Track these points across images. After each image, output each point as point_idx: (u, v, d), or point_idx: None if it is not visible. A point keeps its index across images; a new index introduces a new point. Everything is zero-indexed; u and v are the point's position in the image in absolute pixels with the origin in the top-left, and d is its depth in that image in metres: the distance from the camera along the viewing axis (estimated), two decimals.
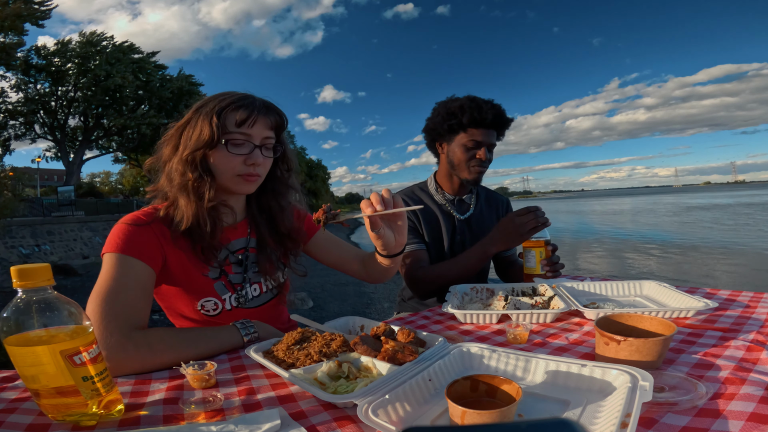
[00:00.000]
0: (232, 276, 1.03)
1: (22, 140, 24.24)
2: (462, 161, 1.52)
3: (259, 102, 0.96)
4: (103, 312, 0.77)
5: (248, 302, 1.05)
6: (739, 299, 1.04)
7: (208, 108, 0.93)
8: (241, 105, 0.93)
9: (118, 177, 47.91)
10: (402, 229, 0.96)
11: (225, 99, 0.93)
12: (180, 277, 0.96)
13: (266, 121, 0.96)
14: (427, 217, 1.58)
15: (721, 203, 36.63)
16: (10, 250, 11.51)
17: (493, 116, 1.47)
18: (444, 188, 1.63)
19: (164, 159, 0.97)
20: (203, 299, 0.98)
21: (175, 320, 1.04)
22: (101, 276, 0.84)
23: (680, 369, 0.67)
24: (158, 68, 25.62)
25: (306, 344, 0.76)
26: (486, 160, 1.51)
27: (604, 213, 34.55)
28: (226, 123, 0.92)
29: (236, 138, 0.93)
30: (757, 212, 24.12)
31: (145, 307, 0.86)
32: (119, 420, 0.59)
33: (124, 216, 0.95)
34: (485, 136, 1.49)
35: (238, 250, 1.05)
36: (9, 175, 12.46)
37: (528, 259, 1.32)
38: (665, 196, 79.06)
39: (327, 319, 0.96)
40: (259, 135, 0.95)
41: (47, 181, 41.40)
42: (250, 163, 0.94)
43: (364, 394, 0.57)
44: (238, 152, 0.93)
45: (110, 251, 0.86)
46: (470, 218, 1.61)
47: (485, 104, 1.48)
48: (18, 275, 0.54)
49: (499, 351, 0.70)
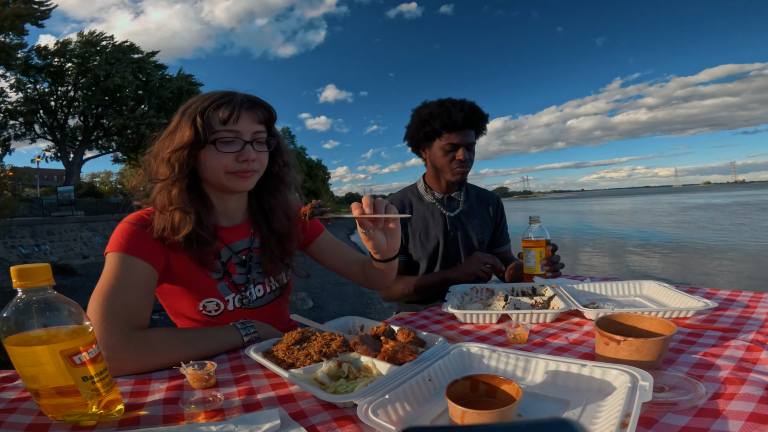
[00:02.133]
0: (235, 277, 1.02)
1: (22, 140, 24.23)
2: (444, 164, 1.57)
3: (242, 97, 0.94)
4: (104, 312, 0.77)
5: (252, 303, 1.04)
6: (738, 299, 1.04)
7: (191, 110, 0.92)
8: (222, 102, 0.92)
9: (118, 177, 47.91)
10: (395, 233, 0.96)
11: (207, 99, 0.93)
12: (183, 276, 0.95)
13: (252, 115, 0.95)
14: (418, 219, 1.63)
15: (719, 203, 36.73)
16: (10, 250, 11.50)
17: (464, 118, 1.50)
18: (433, 188, 1.67)
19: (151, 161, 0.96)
20: (205, 300, 0.98)
21: (176, 320, 1.04)
22: (103, 275, 0.83)
23: (680, 369, 0.67)
24: (158, 68, 25.61)
25: (306, 344, 0.76)
26: (466, 160, 1.54)
27: (602, 213, 34.60)
28: (211, 122, 0.91)
29: (224, 136, 0.92)
30: (753, 212, 24.22)
31: (147, 307, 0.85)
32: (119, 420, 0.59)
33: (128, 215, 0.94)
34: (461, 137, 1.52)
35: (242, 250, 1.05)
36: (9, 175, 12.46)
37: (528, 259, 1.32)
38: (664, 196, 79.20)
39: (327, 319, 0.96)
40: (248, 130, 0.94)
41: (47, 181, 41.39)
42: (242, 159, 0.93)
43: (364, 394, 0.57)
44: (228, 150, 0.92)
45: (113, 250, 0.86)
46: (460, 214, 1.65)
47: (454, 107, 1.51)
48: (18, 275, 0.54)
49: (499, 351, 0.70)
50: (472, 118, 1.51)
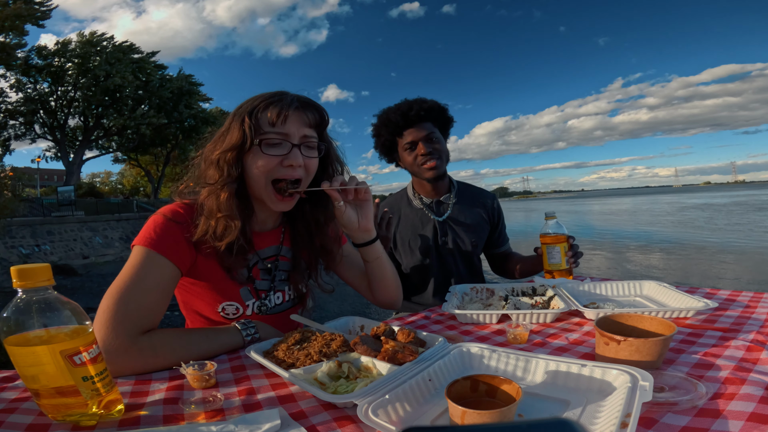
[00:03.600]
0: (258, 282, 1.00)
1: (22, 140, 24.25)
2: (412, 165, 1.56)
3: (292, 97, 0.90)
4: (116, 311, 0.75)
5: (269, 310, 1.03)
6: (739, 299, 1.04)
7: (241, 110, 0.89)
8: (272, 102, 0.87)
9: (118, 177, 47.93)
10: (365, 212, 0.95)
11: (258, 99, 0.89)
12: (207, 277, 0.93)
13: (302, 117, 0.89)
14: (407, 226, 1.61)
15: (717, 203, 36.80)
16: (10, 250, 11.51)
17: (402, 115, 1.49)
18: (420, 193, 1.65)
19: (201, 160, 0.93)
20: (225, 302, 0.96)
21: (188, 315, 1.01)
22: (125, 268, 0.81)
23: (680, 369, 0.67)
24: (158, 68, 25.62)
25: (306, 344, 0.76)
26: (429, 153, 1.50)
27: (602, 213, 34.61)
28: (260, 123, 0.87)
29: (271, 138, 0.87)
30: (749, 211, 24.28)
31: (161, 309, 0.83)
32: (119, 420, 0.59)
33: (163, 207, 0.91)
34: (414, 133, 1.51)
35: (269, 257, 1.02)
36: (9, 175, 12.46)
37: (552, 256, 1.29)
38: (664, 196, 79.25)
39: (327, 319, 0.96)
40: (297, 133, 0.88)
41: (47, 181, 41.41)
42: (288, 164, 0.88)
43: (364, 394, 0.57)
44: (274, 153, 0.87)
45: (141, 244, 0.83)
46: (448, 219, 1.61)
47: (394, 110, 1.51)
48: (18, 275, 0.54)
49: (499, 351, 0.70)
50: (410, 112, 1.49)
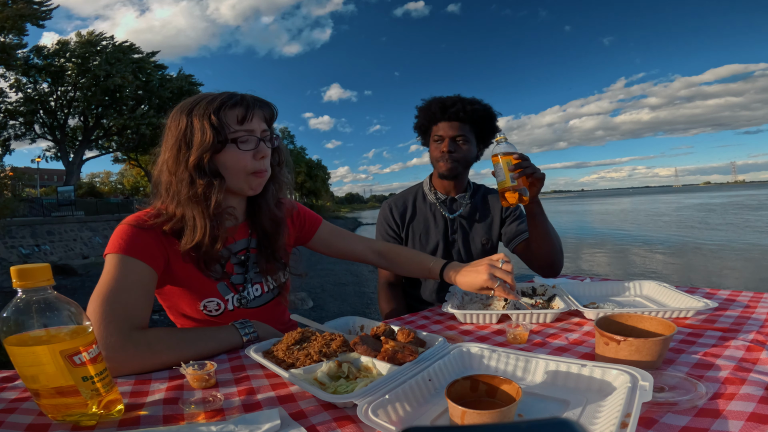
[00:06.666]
0: (234, 277, 1.02)
1: (22, 140, 24.23)
2: (433, 158, 1.57)
3: (250, 97, 0.96)
4: (104, 312, 0.77)
5: (250, 302, 1.05)
6: (738, 299, 1.04)
7: (200, 111, 0.90)
8: (236, 102, 0.93)
9: (118, 177, 47.91)
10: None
11: (215, 99, 0.92)
12: (183, 277, 0.95)
13: (262, 114, 0.97)
14: (420, 220, 1.61)
15: (714, 203, 36.88)
16: (10, 250, 11.51)
17: (442, 107, 1.49)
18: (437, 188, 1.64)
19: (165, 173, 0.93)
20: (206, 299, 0.98)
21: (176, 320, 1.04)
22: (103, 276, 0.83)
23: (680, 369, 0.67)
24: (158, 68, 25.61)
25: (306, 344, 0.76)
26: (451, 152, 1.49)
27: (602, 213, 34.63)
28: (228, 122, 0.91)
29: (241, 135, 0.93)
30: (745, 211, 24.38)
31: (146, 308, 0.85)
32: (119, 420, 0.59)
33: (127, 216, 0.94)
34: (446, 129, 1.51)
35: (240, 251, 1.05)
36: (9, 175, 12.47)
37: (498, 174, 1.17)
38: (663, 196, 79.26)
39: (327, 319, 0.96)
40: (258, 129, 0.95)
41: (47, 181, 41.40)
42: (260, 156, 0.95)
43: (364, 394, 0.57)
44: (248, 148, 0.93)
45: (112, 252, 0.86)
46: (459, 217, 1.61)
47: (439, 100, 1.52)
48: (18, 275, 0.54)
49: (499, 351, 0.70)
50: (451, 107, 1.48)
